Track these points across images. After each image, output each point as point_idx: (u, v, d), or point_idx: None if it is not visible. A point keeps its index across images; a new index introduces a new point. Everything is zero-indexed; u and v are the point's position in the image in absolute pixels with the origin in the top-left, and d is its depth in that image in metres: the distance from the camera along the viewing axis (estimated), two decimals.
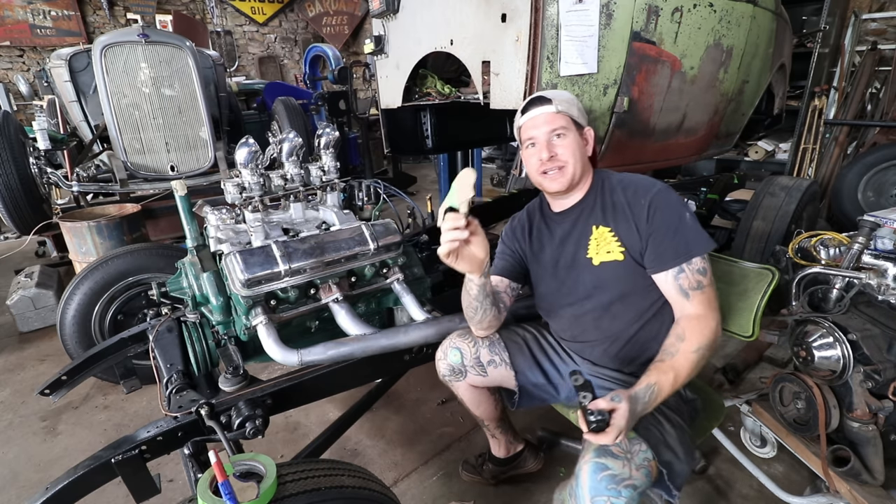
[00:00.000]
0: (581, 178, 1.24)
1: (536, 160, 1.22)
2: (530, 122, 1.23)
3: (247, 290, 1.36)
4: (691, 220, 1.14)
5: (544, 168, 1.21)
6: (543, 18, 1.61)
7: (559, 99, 1.22)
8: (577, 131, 1.23)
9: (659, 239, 1.14)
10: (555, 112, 1.20)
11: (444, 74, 2.44)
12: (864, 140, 4.22)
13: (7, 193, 2.91)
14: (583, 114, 1.26)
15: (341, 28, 9.07)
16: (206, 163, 3.54)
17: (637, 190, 1.20)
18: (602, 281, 1.22)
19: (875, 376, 1.42)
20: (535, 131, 1.22)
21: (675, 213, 1.14)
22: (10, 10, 6.37)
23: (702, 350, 1.05)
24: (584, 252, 1.24)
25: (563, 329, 1.38)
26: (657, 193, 1.17)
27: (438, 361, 1.42)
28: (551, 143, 1.20)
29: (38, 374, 2.58)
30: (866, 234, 1.63)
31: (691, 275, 1.11)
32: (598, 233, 1.23)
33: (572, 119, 1.22)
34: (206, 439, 1.18)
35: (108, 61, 3.07)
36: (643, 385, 1.00)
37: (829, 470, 1.46)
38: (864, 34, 4.38)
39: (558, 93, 1.27)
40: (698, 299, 1.11)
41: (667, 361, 1.05)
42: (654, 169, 3.19)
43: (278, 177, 1.63)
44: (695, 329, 1.07)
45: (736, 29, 2.09)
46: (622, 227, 1.20)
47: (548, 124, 1.20)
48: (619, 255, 1.19)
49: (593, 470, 0.98)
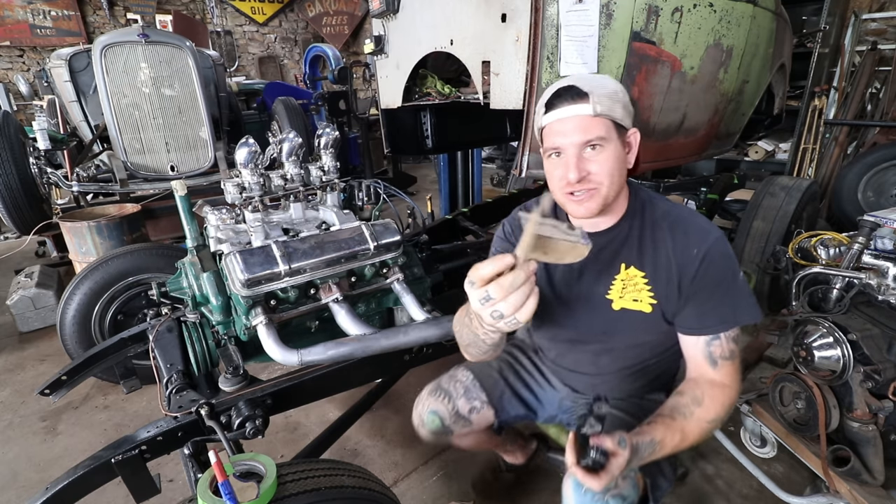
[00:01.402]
0: (616, 198, 0.97)
1: (562, 175, 0.93)
2: (557, 126, 0.92)
3: (247, 290, 1.36)
4: (743, 282, 0.96)
5: (571, 189, 0.93)
6: (543, 18, 1.61)
7: (599, 94, 0.89)
8: (618, 139, 0.93)
9: (703, 299, 0.95)
10: (592, 116, 0.89)
11: (444, 74, 2.44)
12: (864, 140, 4.22)
13: (7, 193, 2.91)
14: (628, 111, 0.94)
15: (341, 28, 9.07)
16: (206, 163, 3.54)
17: (688, 234, 0.97)
18: (616, 328, 1.04)
19: (875, 376, 1.42)
20: (562, 139, 0.91)
21: (730, 272, 0.95)
22: (10, 10, 6.37)
23: (717, 422, 0.93)
24: (605, 291, 1.03)
25: (554, 354, 1.25)
26: (714, 245, 0.95)
27: (418, 427, 1.28)
28: (583, 159, 0.91)
29: (38, 374, 2.58)
30: (866, 234, 1.63)
31: (726, 343, 0.95)
32: (628, 274, 1.01)
33: (614, 122, 0.92)
34: (206, 439, 1.18)
35: (108, 61, 3.07)
36: (647, 438, 0.87)
37: (829, 470, 1.46)
38: (864, 34, 4.38)
39: (598, 81, 0.93)
40: (726, 370, 0.95)
41: (678, 421, 0.90)
42: (653, 169, 3.20)
43: (278, 177, 1.63)
44: (716, 399, 0.93)
45: (736, 29, 2.09)
46: (660, 277, 0.98)
47: (581, 133, 0.90)
48: (647, 308, 0.99)
49: (577, 483, 0.90)
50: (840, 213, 3.87)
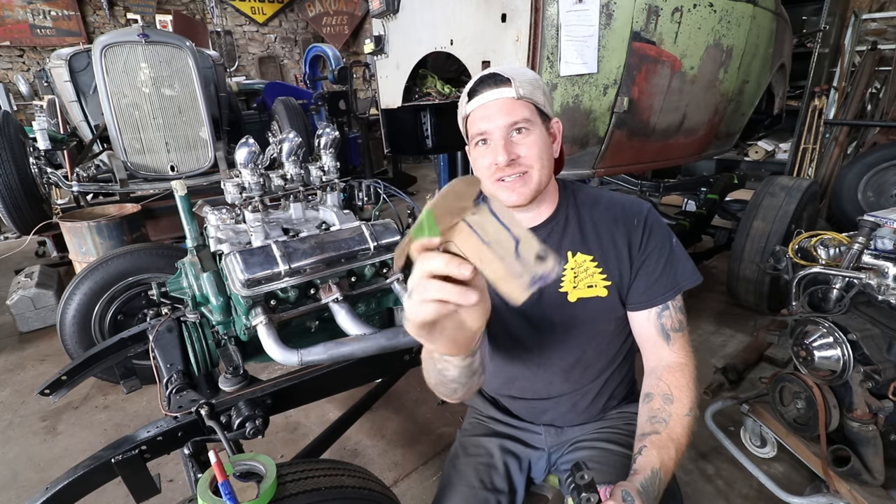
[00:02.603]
0: (546, 186, 0.96)
1: (489, 163, 0.91)
2: (481, 112, 0.92)
3: (247, 290, 1.36)
4: (679, 246, 0.98)
5: (501, 174, 0.91)
6: (543, 18, 1.61)
7: (521, 79, 0.90)
8: (542, 125, 0.93)
9: (650, 269, 0.96)
10: (515, 98, 0.89)
11: (444, 74, 2.45)
12: (864, 140, 4.22)
13: (7, 193, 2.91)
14: (549, 100, 0.97)
15: (341, 28, 9.07)
16: (206, 163, 3.54)
17: (625, 208, 0.99)
18: (577, 321, 1.00)
19: (875, 376, 1.42)
20: (487, 124, 0.90)
21: (668, 238, 0.98)
22: (10, 10, 6.38)
23: (694, 410, 0.89)
24: (558, 285, 0.98)
25: (521, 386, 1.10)
26: (649, 213, 0.98)
27: None
28: (510, 142, 0.90)
29: (38, 374, 2.58)
30: (866, 234, 1.63)
31: (675, 313, 0.96)
32: (576, 261, 0.98)
33: (538, 108, 0.92)
34: (206, 439, 1.18)
35: (108, 61, 3.07)
36: (647, 472, 0.80)
37: (829, 470, 1.46)
38: (864, 34, 4.38)
39: (518, 69, 0.95)
40: (679, 343, 0.95)
41: (663, 433, 0.86)
42: (654, 169, 3.20)
43: (278, 177, 1.63)
44: (681, 385, 0.91)
45: (736, 29, 2.09)
46: (610, 257, 0.97)
47: (507, 115, 0.89)
48: (603, 291, 0.97)
49: None
50: (840, 213, 3.87)
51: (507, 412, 1.18)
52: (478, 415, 1.23)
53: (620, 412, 1.12)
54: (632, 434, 0.96)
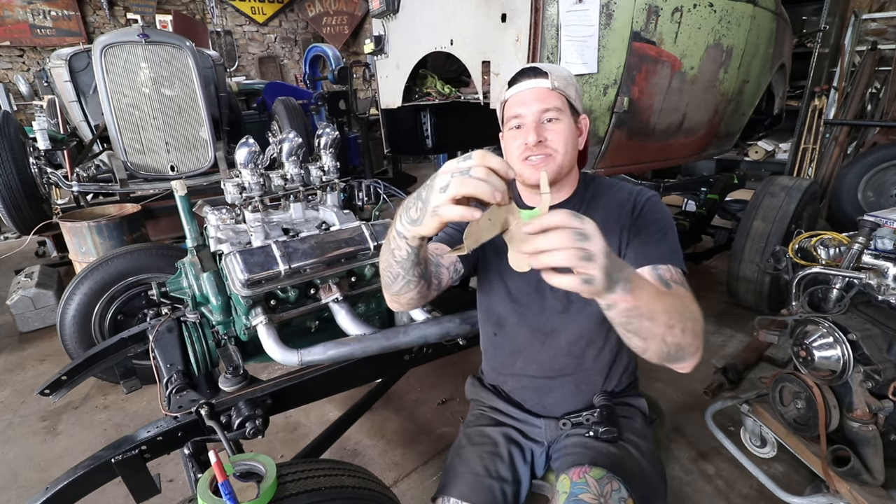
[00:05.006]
0: (568, 174, 1.06)
1: (520, 143, 1.00)
2: (518, 98, 1.02)
3: (247, 290, 1.36)
4: (676, 238, 1.02)
5: (529, 153, 1.00)
6: (543, 18, 1.61)
7: (557, 74, 1.01)
8: (571, 117, 1.03)
9: (644, 238, 1.00)
10: (549, 89, 0.99)
11: (444, 74, 2.45)
12: (864, 140, 4.22)
13: (7, 193, 2.91)
14: (580, 97, 1.07)
15: (341, 28, 9.07)
16: (206, 163, 3.54)
17: (622, 190, 1.09)
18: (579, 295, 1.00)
19: (875, 376, 1.42)
20: (522, 108, 1.00)
21: (665, 222, 1.03)
22: (10, 10, 6.38)
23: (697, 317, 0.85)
24: None
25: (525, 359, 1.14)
26: (651, 197, 1.06)
27: None
28: (541, 126, 0.99)
29: (38, 374, 2.58)
30: (866, 234, 1.63)
31: (674, 272, 0.96)
32: None
33: (569, 101, 1.02)
34: (206, 439, 1.18)
35: (108, 61, 3.07)
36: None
37: (829, 470, 1.46)
38: (864, 34, 4.38)
39: (556, 66, 1.05)
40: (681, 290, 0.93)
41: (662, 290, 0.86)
42: (654, 169, 3.20)
43: (278, 177, 1.63)
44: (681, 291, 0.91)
45: (736, 29, 2.09)
46: (609, 231, 1.02)
47: (540, 102, 0.99)
48: None
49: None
50: (840, 213, 3.87)
51: (510, 401, 1.20)
52: (481, 406, 1.24)
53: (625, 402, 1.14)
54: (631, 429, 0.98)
